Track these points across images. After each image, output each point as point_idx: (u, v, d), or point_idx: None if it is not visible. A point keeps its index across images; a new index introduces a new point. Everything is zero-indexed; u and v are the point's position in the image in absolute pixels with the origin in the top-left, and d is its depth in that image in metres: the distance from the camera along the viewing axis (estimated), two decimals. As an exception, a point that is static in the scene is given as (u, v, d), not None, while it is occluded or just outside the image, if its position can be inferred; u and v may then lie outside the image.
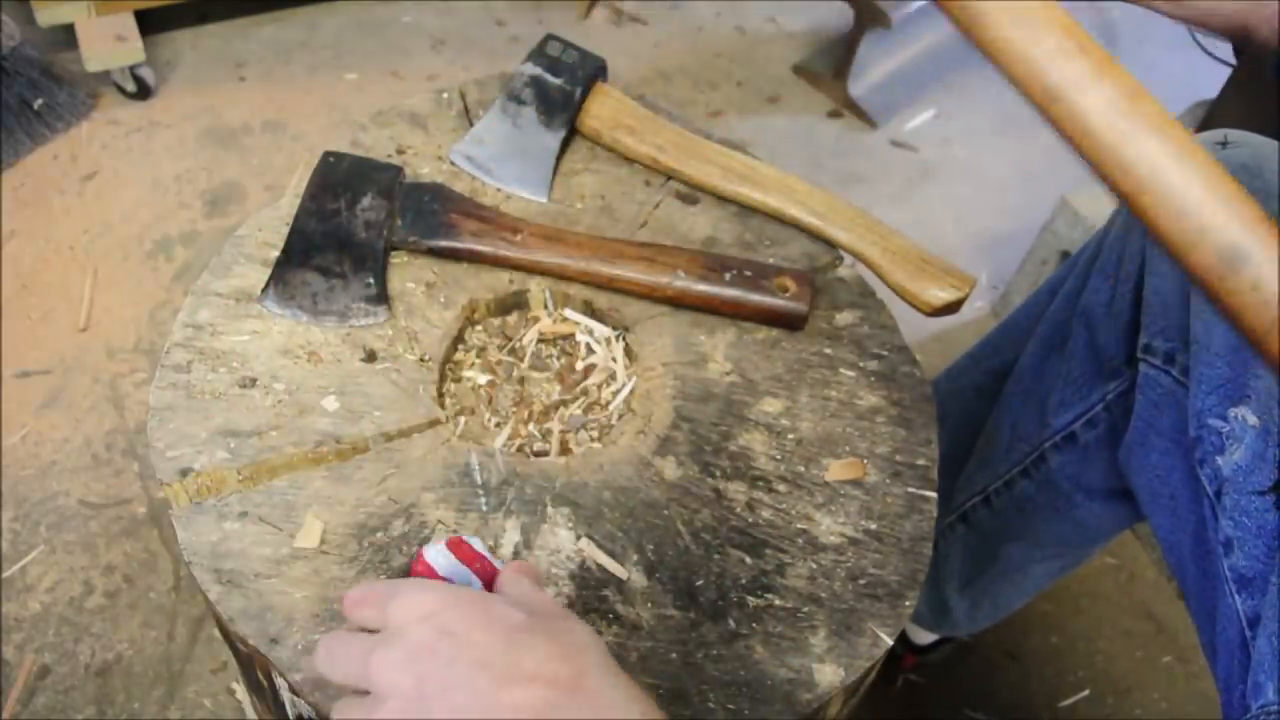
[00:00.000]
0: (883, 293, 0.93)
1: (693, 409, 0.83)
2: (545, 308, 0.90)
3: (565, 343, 0.90)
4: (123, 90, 1.88)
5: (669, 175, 0.98)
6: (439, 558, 0.58)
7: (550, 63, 0.98)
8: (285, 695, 0.70)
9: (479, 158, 0.96)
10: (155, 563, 1.35)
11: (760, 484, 0.79)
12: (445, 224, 0.88)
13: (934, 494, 0.80)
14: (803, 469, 0.80)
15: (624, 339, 0.89)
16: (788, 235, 0.96)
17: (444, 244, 0.88)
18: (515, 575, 0.55)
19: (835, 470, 0.80)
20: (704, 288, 0.87)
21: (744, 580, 0.74)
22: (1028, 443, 0.99)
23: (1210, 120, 1.80)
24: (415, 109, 1.01)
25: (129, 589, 1.32)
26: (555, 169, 0.97)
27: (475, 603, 0.48)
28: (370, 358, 0.83)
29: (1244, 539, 0.68)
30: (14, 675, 1.24)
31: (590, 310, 0.90)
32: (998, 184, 2.03)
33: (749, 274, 0.87)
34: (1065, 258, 1.65)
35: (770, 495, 0.78)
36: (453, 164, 0.96)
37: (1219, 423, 0.71)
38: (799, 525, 0.77)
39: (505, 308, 0.90)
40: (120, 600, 1.31)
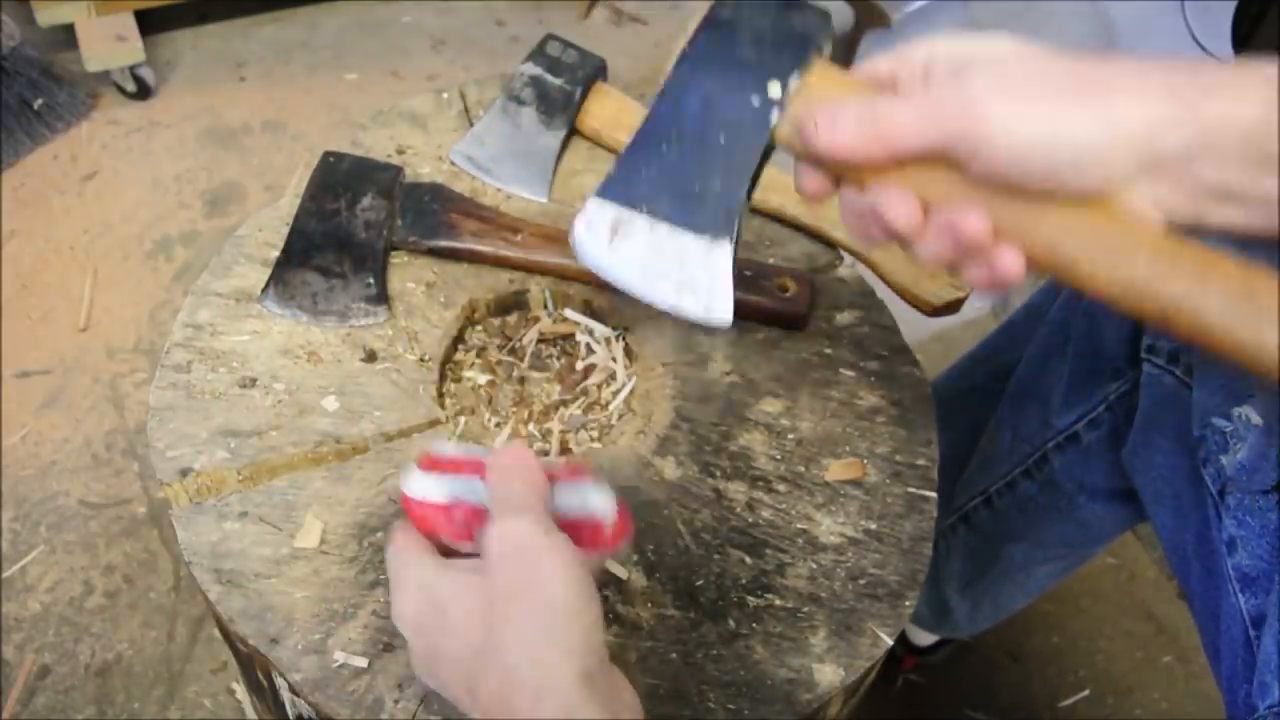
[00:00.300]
0: (883, 293, 0.93)
1: (693, 409, 0.83)
2: (545, 308, 0.90)
3: (565, 343, 0.90)
4: (123, 90, 1.88)
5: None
6: (426, 487, 0.56)
7: (550, 63, 0.98)
8: (285, 695, 0.70)
9: (479, 158, 0.96)
10: (155, 563, 1.35)
11: (760, 484, 0.79)
12: (445, 224, 0.88)
13: (934, 494, 0.79)
14: (803, 469, 0.80)
15: (624, 339, 0.89)
16: (787, 235, 0.95)
17: (444, 244, 0.88)
18: (502, 477, 0.55)
19: (835, 470, 0.80)
20: (704, 287, 0.86)
21: (744, 580, 0.74)
22: (1030, 443, 0.99)
23: (1211, 120, 1.79)
24: (415, 109, 1.01)
25: (129, 589, 1.32)
26: (555, 169, 0.96)
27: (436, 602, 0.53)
28: (370, 358, 0.82)
29: (1248, 538, 0.68)
30: (14, 675, 1.23)
31: (590, 310, 0.90)
32: (998, 184, 2.02)
33: (749, 274, 0.87)
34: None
35: (770, 495, 0.78)
36: (453, 164, 0.96)
37: (1223, 422, 0.71)
38: (799, 525, 0.77)
39: (505, 308, 0.90)
40: (120, 600, 1.31)
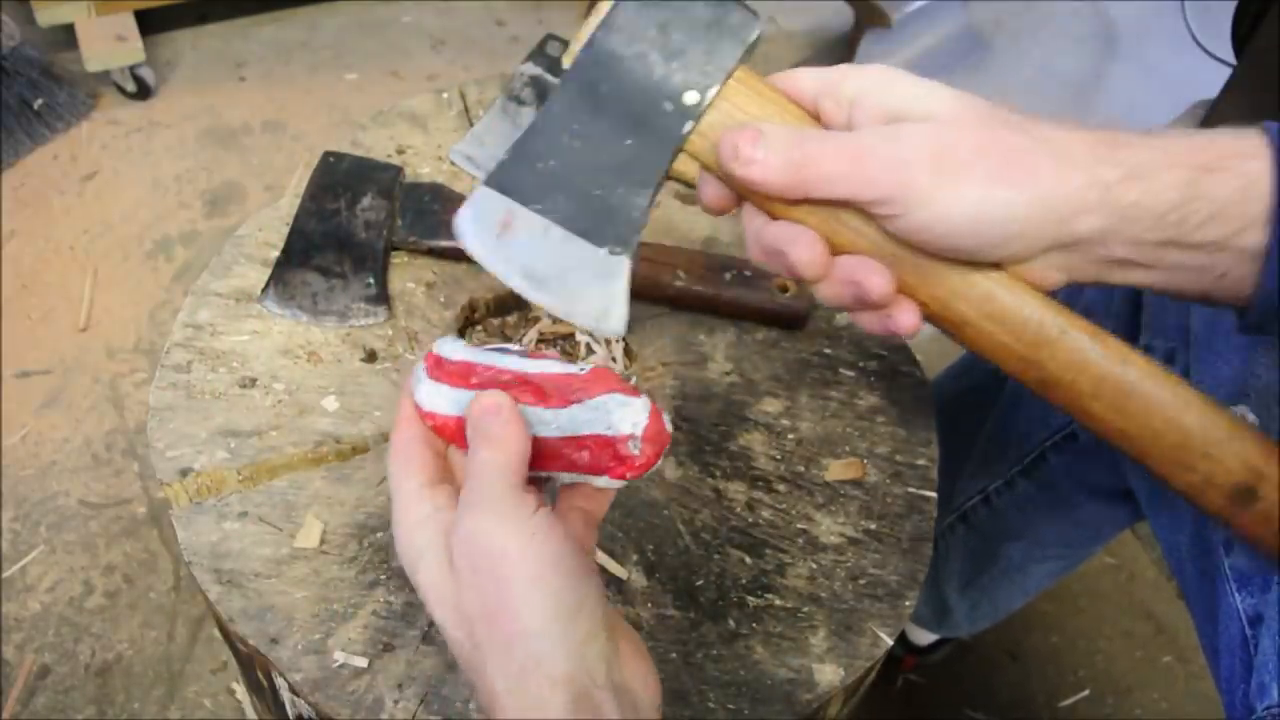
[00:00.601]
0: (883, 292, 0.93)
1: (693, 409, 0.83)
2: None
3: (565, 343, 0.90)
4: (123, 90, 1.88)
5: (668, 174, 0.98)
6: (434, 399, 0.52)
7: (550, 63, 0.98)
8: (285, 695, 0.70)
9: (479, 158, 0.96)
10: (155, 563, 1.35)
11: (760, 484, 0.79)
12: (445, 224, 0.88)
13: (934, 494, 0.80)
14: (803, 469, 0.80)
15: (624, 339, 0.89)
16: (788, 235, 0.95)
17: (444, 244, 0.88)
18: (471, 442, 0.51)
19: (835, 470, 0.80)
20: (704, 288, 0.86)
21: (744, 580, 0.74)
22: (1028, 442, 0.99)
23: (1210, 120, 1.80)
24: (415, 109, 1.01)
25: (129, 589, 1.32)
26: (555, 169, 0.96)
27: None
28: (370, 358, 0.83)
29: (1244, 538, 0.68)
30: (14, 675, 1.24)
31: (590, 310, 0.90)
32: (998, 184, 2.02)
33: (749, 274, 0.87)
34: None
35: (770, 495, 0.78)
36: (453, 164, 0.96)
37: (1220, 421, 0.71)
38: (799, 525, 0.77)
39: (505, 308, 0.90)
40: (120, 600, 1.31)
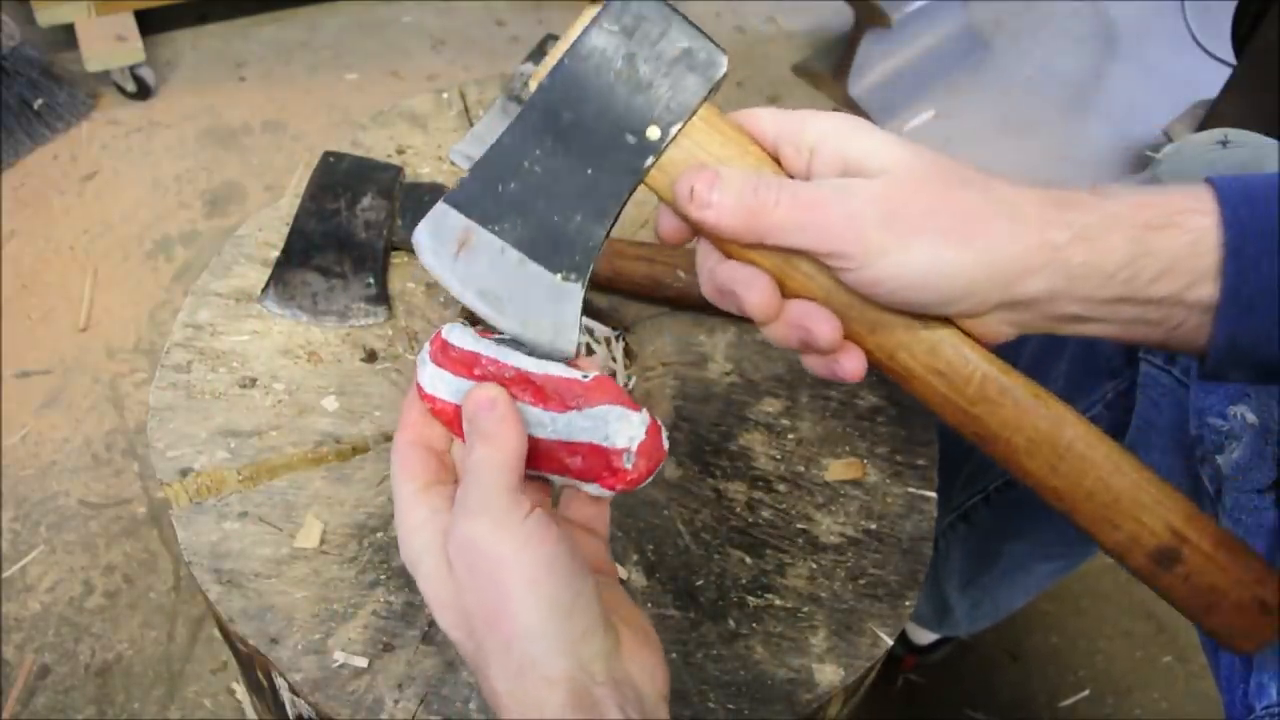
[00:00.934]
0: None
1: (693, 409, 0.83)
2: (545, 307, 0.90)
3: (565, 342, 0.90)
4: (123, 90, 1.88)
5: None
6: (438, 385, 0.51)
7: (550, 63, 0.98)
8: (285, 695, 0.70)
9: (479, 157, 0.96)
10: (155, 563, 1.35)
11: (760, 484, 0.79)
12: (445, 224, 0.88)
13: (934, 494, 0.80)
14: (803, 469, 0.80)
15: (624, 339, 0.89)
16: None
17: (444, 244, 0.88)
18: (469, 440, 0.49)
19: (835, 470, 0.80)
20: (704, 287, 0.86)
21: (744, 580, 0.74)
22: (1028, 442, 0.99)
23: (1210, 120, 1.80)
24: (415, 109, 1.01)
25: (129, 589, 1.32)
26: (555, 169, 0.96)
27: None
28: (370, 358, 0.83)
29: (1244, 537, 0.68)
30: (14, 675, 1.24)
31: (590, 310, 0.90)
32: (998, 184, 2.02)
33: (749, 274, 0.87)
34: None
35: (770, 495, 0.78)
36: (453, 164, 0.96)
37: (1219, 421, 0.71)
38: (799, 525, 0.77)
39: (505, 308, 0.90)
40: (120, 600, 1.31)
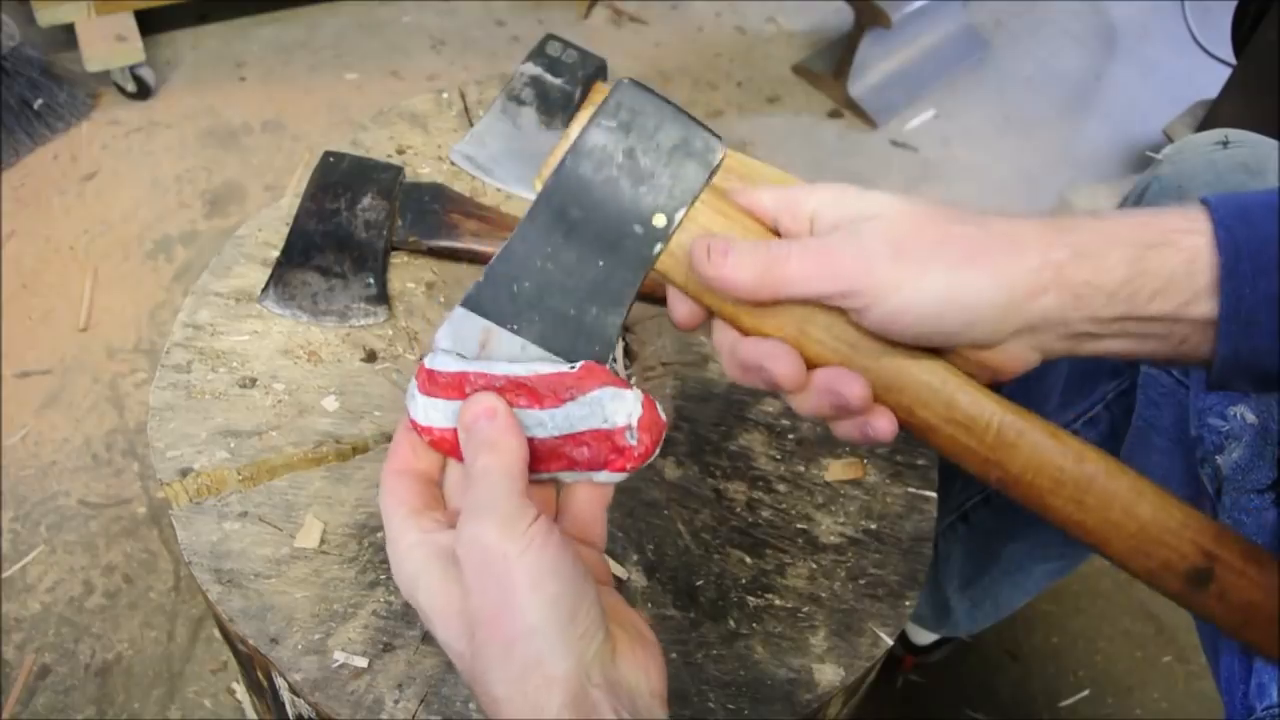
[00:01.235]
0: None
1: (693, 409, 0.83)
2: (545, 308, 0.90)
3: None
4: (123, 90, 1.88)
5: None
6: (430, 414, 0.50)
7: (550, 63, 0.98)
8: (285, 695, 0.70)
9: (479, 158, 0.96)
10: (155, 563, 1.35)
11: (760, 484, 0.79)
12: (445, 224, 0.88)
13: (934, 494, 0.80)
14: (803, 469, 0.80)
15: (624, 339, 0.89)
16: (788, 235, 0.95)
17: (444, 244, 0.88)
18: (467, 448, 0.49)
19: (835, 470, 0.80)
20: (704, 287, 0.86)
21: (744, 580, 0.74)
22: (1028, 442, 0.99)
23: (1210, 120, 1.80)
24: (415, 109, 1.01)
25: (129, 589, 1.32)
26: (555, 169, 0.96)
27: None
28: (370, 358, 0.83)
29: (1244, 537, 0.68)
30: (14, 675, 1.24)
31: (590, 310, 0.90)
32: (998, 184, 2.02)
33: (749, 274, 0.87)
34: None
35: (770, 495, 0.78)
36: (453, 164, 0.96)
37: (1219, 421, 0.71)
38: (799, 525, 0.77)
39: (505, 308, 0.90)
40: (120, 600, 1.31)
